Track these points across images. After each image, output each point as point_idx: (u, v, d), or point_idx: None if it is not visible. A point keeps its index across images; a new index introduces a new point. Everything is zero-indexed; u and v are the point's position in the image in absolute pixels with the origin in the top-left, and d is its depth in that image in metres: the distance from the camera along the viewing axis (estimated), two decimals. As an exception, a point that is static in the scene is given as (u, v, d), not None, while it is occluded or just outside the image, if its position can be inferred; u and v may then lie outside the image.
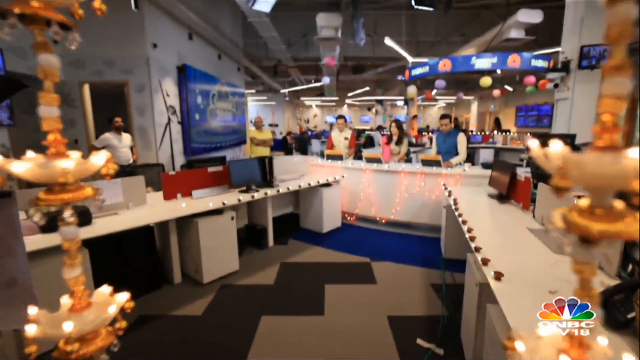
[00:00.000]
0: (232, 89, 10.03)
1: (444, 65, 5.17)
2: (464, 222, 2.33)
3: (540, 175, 2.85)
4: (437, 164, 4.07)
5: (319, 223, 4.21)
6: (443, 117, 4.33)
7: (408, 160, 5.03)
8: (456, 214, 2.58)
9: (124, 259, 2.71)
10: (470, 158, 4.51)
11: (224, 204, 2.99)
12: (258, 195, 3.38)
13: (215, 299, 2.73)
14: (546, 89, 8.20)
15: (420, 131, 12.90)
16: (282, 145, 13.83)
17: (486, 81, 6.60)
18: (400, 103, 19.03)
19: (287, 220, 4.61)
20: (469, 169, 3.89)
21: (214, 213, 3.00)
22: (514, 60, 4.87)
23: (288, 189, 3.68)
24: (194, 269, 2.95)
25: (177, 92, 6.80)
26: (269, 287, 2.93)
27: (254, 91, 15.61)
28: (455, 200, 2.96)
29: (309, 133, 16.03)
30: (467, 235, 2.05)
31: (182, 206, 2.97)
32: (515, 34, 6.19)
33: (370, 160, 4.55)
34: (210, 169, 3.48)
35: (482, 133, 9.99)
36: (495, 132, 9.17)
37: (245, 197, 3.26)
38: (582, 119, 4.46)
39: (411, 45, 10.83)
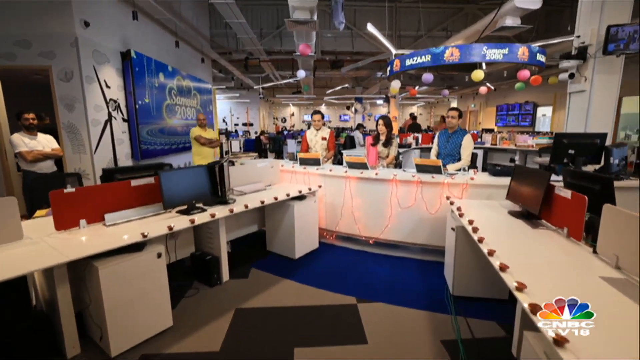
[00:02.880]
0: (196, 84, 8.94)
1: (451, 54, 4.43)
2: (503, 268, 1.51)
3: (584, 188, 2.10)
4: (436, 170, 3.28)
5: (290, 246, 3.32)
6: (452, 109, 3.56)
7: (397, 164, 4.24)
8: (484, 250, 1.75)
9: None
10: (474, 162, 3.76)
11: (144, 236, 2.03)
12: (201, 218, 2.44)
13: (124, 386, 1.78)
14: (537, 85, 7.69)
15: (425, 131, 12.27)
16: (255, 146, 12.82)
17: (478, 75, 5.92)
18: (380, 101, 18.44)
19: (250, 242, 3.70)
20: (476, 177, 3.12)
21: (132, 249, 2.04)
22: (523, 53, 4.26)
23: (246, 207, 2.75)
24: (99, 335, 1.98)
25: (122, 83, 5.69)
26: (212, 358, 2.01)
27: (224, 87, 14.46)
28: (472, 224, 2.16)
29: (284, 132, 15.06)
30: (524, 304, 1.22)
31: (80, 240, 2.00)
32: (511, 21, 5.55)
33: (353, 165, 3.71)
34: (135, 182, 2.51)
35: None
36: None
37: (181, 223, 2.31)
38: (600, 115, 3.81)
39: (393, 40, 10.17)
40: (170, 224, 2.23)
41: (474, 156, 3.74)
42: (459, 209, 2.53)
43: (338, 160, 6.27)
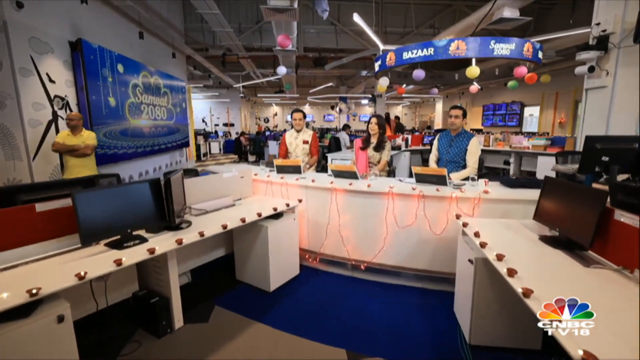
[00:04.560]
0: (167, 81, 8.16)
1: (457, 47, 3.97)
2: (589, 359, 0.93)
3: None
4: (440, 181, 2.72)
5: (264, 276, 2.68)
6: (455, 107, 3.03)
7: (391, 171, 3.67)
8: (537, 315, 1.18)
9: None
10: (480, 169, 3.23)
11: (31, 294, 1.36)
12: (134, 255, 1.77)
13: None
14: (533, 83, 7.34)
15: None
16: (235, 148, 12.10)
17: (474, 72, 5.47)
18: (365, 101, 17.99)
19: (216, 268, 3.05)
20: (489, 189, 2.57)
21: (20, 312, 1.37)
22: (528, 49, 3.89)
23: (201, 235, 2.10)
24: None
25: (72, 77, 4.91)
26: None
27: (201, 85, 13.63)
28: (502, 260, 1.59)
29: (265, 133, 14.34)
30: None
31: None
32: (509, 13, 5.10)
33: (340, 174, 3.11)
34: (42, 207, 1.82)
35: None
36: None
37: (101, 266, 1.64)
38: (624, 115, 3.34)
39: (378, 36, 9.71)
40: (84, 269, 1.56)
41: (480, 162, 3.21)
42: (476, 234, 1.97)
43: (322, 166, 5.66)
